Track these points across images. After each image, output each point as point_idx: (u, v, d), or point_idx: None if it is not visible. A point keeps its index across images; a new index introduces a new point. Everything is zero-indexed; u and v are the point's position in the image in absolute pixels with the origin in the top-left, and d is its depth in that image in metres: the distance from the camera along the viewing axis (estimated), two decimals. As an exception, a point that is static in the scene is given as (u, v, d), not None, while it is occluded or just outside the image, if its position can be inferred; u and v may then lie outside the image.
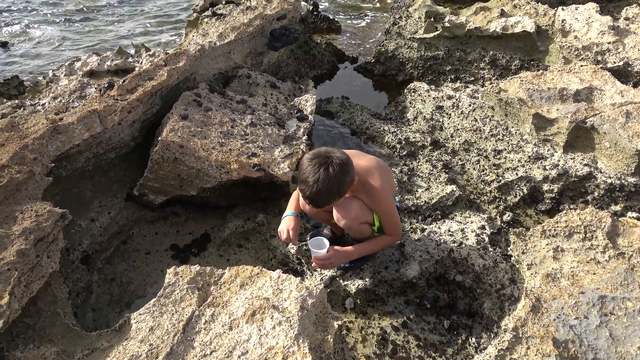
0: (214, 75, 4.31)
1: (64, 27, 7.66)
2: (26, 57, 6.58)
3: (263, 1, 5.09)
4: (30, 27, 7.66)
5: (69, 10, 8.50)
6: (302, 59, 5.43)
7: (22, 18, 8.13)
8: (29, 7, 8.70)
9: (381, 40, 5.83)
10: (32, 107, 3.61)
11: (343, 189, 2.21)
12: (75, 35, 7.32)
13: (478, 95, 4.29)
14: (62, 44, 6.99)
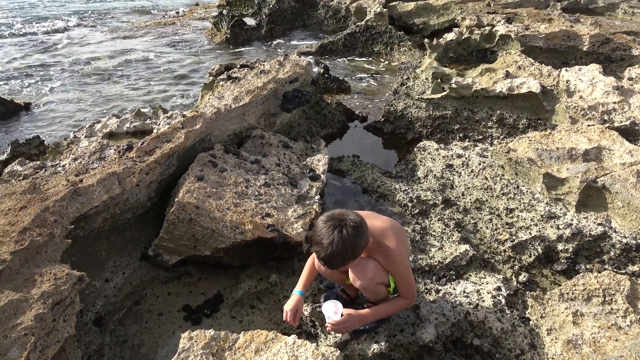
0: (229, 136, 4.44)
1: (85, 89, 7.98)
2: (48, 118, 6.83)
3: (276, 65, 5.32)
4: (52, 89, 8.00)
5: (89, 72, 8.90)
6: (313, 118, 5.59)
7: (45, 80, 8.51)
8: (51, 69, 9.13)
9: (390, 100, 6.00)
10: (52, 169, 3.71)
11: (357, 250, 2.23)
12: (95, 97, 7.62)
13: (487, 154, 4.36)
14: (83, 105, 7.27)
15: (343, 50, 9.53)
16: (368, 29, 9.44)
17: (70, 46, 11.10)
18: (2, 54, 10.27)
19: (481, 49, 6.98)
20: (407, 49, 8.88)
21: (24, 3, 17.84)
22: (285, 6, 11.68)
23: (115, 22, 13.92)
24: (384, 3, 9.77)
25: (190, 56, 10.03)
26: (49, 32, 12.73)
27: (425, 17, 9.30)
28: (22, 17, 14.85)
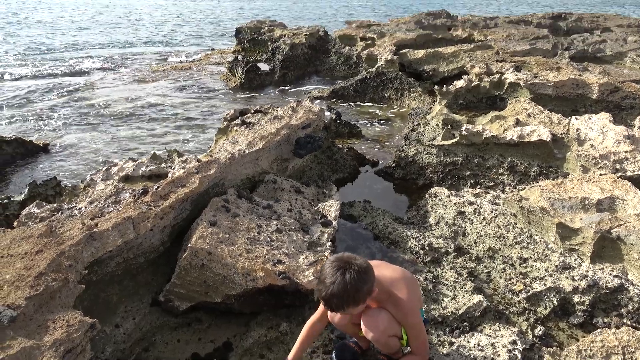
0: (242, 180, 4.50)
1: (103, 131, 8.20)
2: (65, 159, 6.99)
3: (289, 111, 5.44)
4: (70, 131, 8.22)
5: (107, 114, 9.16)
6: (325, 163, 5.66)
7: (63, 121, 8.76)
8: (70, 111, 9.41)
9: (401, 146, 6.07)
10: (69, 211, 3.77)
11: (359, 295, 2.21)
12: (112, 139, 7.80)
13: (499, 201, 4.36)
14: (100, 147, 7.44)
15: (354, 95, 9.73)
16: (379, 75, 9.66)
17: (89, 89, 11.48)
18: (23, 95, 10.64)
19: (491, 96, 7.10)
20: (417, 95, 9.05)
21: (44, 45, 18.60)
22: (298, 52, 12.05)
23: (134, 66, 14.41)
24: (395, 51, 10.04)
25: (205, 100, 10.30)
26: (68, 74, 13.20)
27: (435, 64, 9.52)
28: (43, 59, 15.45)
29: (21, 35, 21.87)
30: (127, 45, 19.83)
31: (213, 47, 18.52)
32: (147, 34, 23.33)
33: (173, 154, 5.13)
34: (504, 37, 10.84)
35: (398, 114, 8.88)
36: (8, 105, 9.99)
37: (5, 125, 8.52)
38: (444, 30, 12.26)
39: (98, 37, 21.72)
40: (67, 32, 23.74)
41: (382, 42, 10.92)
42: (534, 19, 14.68)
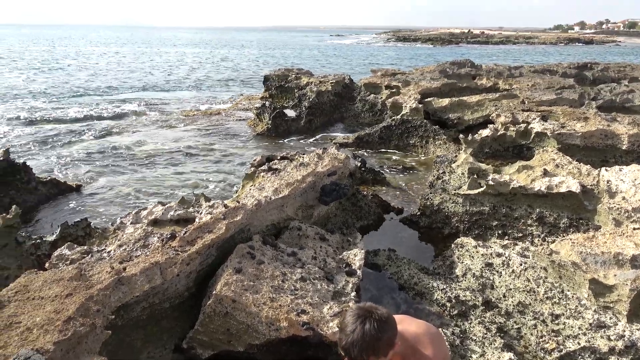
0: (267, 227, 4.54)
1: (133, 174, 8.44)
2: (96, 201, 7.19)
3: (315, 158, 5.53)
4: (102, 173, 8.49)
5: (138, 157, 9.46)
6: (349, 210, 5.66)
7: (96, 163, 9.08)
8: (102, 153, 9.76)
9: (426, 194, 6.05)
10: (98, 254, 3.85)
11: (378, 344, 2.16)
12: (142, 182, 8.02)
13: (529, 254, 4.25)
14: (130, 189, 7.65)
15: (379, 142, 9.83)
16: (404, 122, 9.77)
17: (121, 132, 11.93)
18: (59, 137, 11.11)
19: (517, 145, 7.07)
20: (442, 142, 9.08)
21: (81, 89, 19.55)
22: (324, 99, 12.33)
23: (165, 110, 14.95)
24: (419, 99, 10.19)
25: (233, 145, 10.56)
26: (102, 117, 13.78)
27: (460, 112, 9.59)
28: (79, 103, 16.21)
29: (60, 80, 23.09)
30: (159, 89, 20.68)
31: (241, 93, 19.14)
32: (178, 79, 24.31)
33: (200, 198, 5.23)
34: (529, 87, 10.89)
35: (423, 161, 8.91)
36: (44, 146, 10.44)
37: (41, 166, 8.86)
38: (468, 79, 12.41)
39: (132, 82, 22.74)
40: (103, 77, 24.96)
41: (407, 90, 11.11)
42: (559, 68, 14.75)
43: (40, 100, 17.23)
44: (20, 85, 21.06)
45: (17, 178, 6.98)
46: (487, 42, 78.77)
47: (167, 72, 29.15)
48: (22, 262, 4.59)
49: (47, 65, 31.94)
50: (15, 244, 4.64)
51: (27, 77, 24.35)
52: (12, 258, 4.54)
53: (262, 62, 38.42)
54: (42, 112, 14.61)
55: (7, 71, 27.41)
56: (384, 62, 38.34)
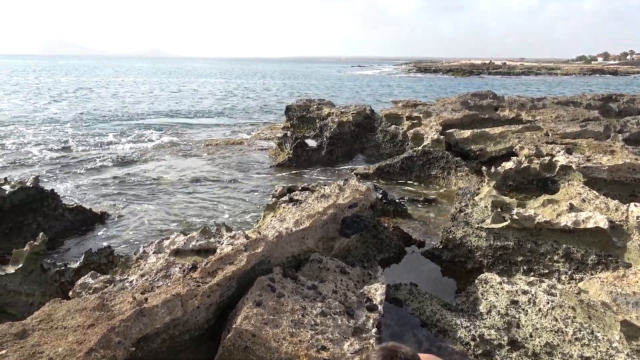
0: (287, 258, 4.52)
1: (156, 203, 8.56)
2: (120, 228, 7.30)
3: (336, 189, 5.53)
4: (126, 201, 8.64)
5: (161, 186, 9.61)
6: (370, 242, 5.62)
7: (120, 191, 9.25)
8: (126, 182, 9.96)
9: (448, 227, 5.97)
10: (121, 283, 3.88)
11: None
12: (164, 211, 8.12)
13: (556, 292, 4.12)
14: (153, 218, 7.75)
15: (400, 173, 9.80)
16: (425, 153, 9.75)
17: (146, 160, 12.18)
18: (84, 164, 11.40)
19: (541, 178, 6.96)
20: (464, 174, 9.00)
21: (107, 117, 20.13)
22: (345, 130, 12.43)
23: (188, 138, 15.25)
24: (441, 130, 10.17)
25: (254, 175, 10.66)
26: (127, 144, 14.11)
27: (482, 144, 9.53)
28: (105, 130, 16.66)
29: (88, 108, 23.85)
30: (183, 117, 21.17)
31: (264, 123, 19.45)
32: (202, 109, 24.87)
33: (222, 228, 5.26)
34: (552, 119, 10.79)
35: (444, 193, 8.82)
36: (70, 172, 10.71)
37: (67, 192, 9.07)
38: (490, 110, 12.38)
39: (157, 110, 23.34)
40: (130, 105, 25.71)
41: (428, 121, 11.12)
42: (584, 100, 14.61)
43: (67, 126, 17.81)
44: (49, 112, 21.84)
45: (45, 205, 7.15)
46: (508, 73, 78.76)
47: (191, 101, 29.89)
48: (46, 288, 4.66)
49: (75, 94, 33.12)
50: (41, 270, 4.72)
51: (56, 105, 25.25)
52: (37, 284, 4.61)
53: (284, 93, 39.11)
54: (70, 138, 15.08)
55: (37, 99, 28.50)
56: (404, 93, 38.62)
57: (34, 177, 7.17)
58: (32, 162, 11.89)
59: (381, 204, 6.48)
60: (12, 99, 29.12)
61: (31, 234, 6.58)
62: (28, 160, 12.15)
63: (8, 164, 11.64)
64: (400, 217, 7.17)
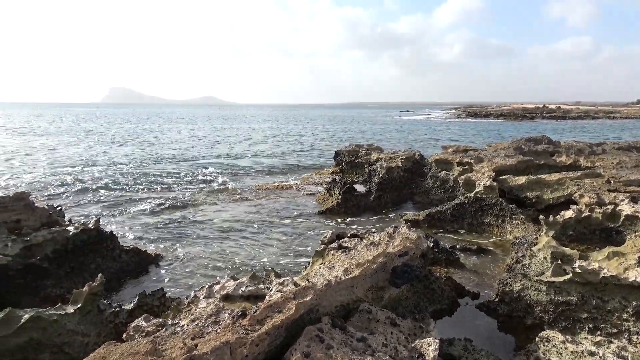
0: (336, 307, 4.44)
1: (209, 247, 8.75)
2: (173, 271, 7.48)
3: (386, 237, 5.45)
4: (180, 244, 8.88)
5: (214, 230, 9.84)
6: (421, 292, 5.43)
7: (173, 234, 9.54)
8: (179, 224, 10.27)
9: (504, 278, 5.70)
10: (172, 328, 3.94)
11: None
12: (216, 254, 8.27)
13: (627, 355, 3.80)
14: (206, 262, 7.90)
15: (451, 220, 9.55)
16: (477, 200, 9.48)
17: (198, 203, 12.56)
18: (141, 205, 11.89)
19: (604, 228, 6.56)
20: (520, 222, 8.65)
21: (164, 160, 21.08)
22: (394, 175, 12.36)
23: (241, 182, 15.64)
24: (494, 176, 9.91)
25: (302, 220, 10.72)
26: (182, 188, 14.64)
27: (539, 191, 9.18)
28: (160, 173, 17.41)
29: (145, 152, 25.15)
30: (235, 160, 21.82)
31: (313, 167, 19.72)
32: (254, 152, 25.61)
33: (271, 274, 5.27)
34: (614, 165, 10.28)
35: (498, 242, 8.48)
36: (128, 214, 11.19)
37: (125, 234, 9.45)
38: (546, 156, 11.98)
39: (211, 155, 24.25)
40: (186, 149, 26.89)
41: (480, 167, 10.89)
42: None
43: (126, 168, 18.79)
44: (111, 156, 23.19)
45: (104, 246, 7.48)
46: (564, 117, 76.51)
47: (244, 146, 30.91)
48: (101, 329, 4.80)
49: (136, 139, 35.09)
50: (97, 311, 4.88)
51: (117, 149, 26.82)
52: (93, 325, 4.75)
53: (332, 138, 39.72)
54: (128, 180, 15.86)
55: (100, 144, 30.41)
56: (454, 138, 38.22)
57: (96, 219, 7.55)
58: (93, 202, 12.55)
59: (432, 252, 6.31)
60: (76, 142, 31.25)
61: (90, 273, 6.87)
62: (89, 200, 12.85)
63: (71, 204, 12.35)
64: (452, 267, 6.93)
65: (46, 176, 17.10)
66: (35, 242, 6.44)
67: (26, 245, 6.30)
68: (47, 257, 6.49)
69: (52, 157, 23.15)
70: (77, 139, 34.86)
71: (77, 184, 15.43)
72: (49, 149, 27.66)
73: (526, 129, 49.42)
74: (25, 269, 6.14)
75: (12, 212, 6.81)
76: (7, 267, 5.94)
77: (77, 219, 9.93)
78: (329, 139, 37.66)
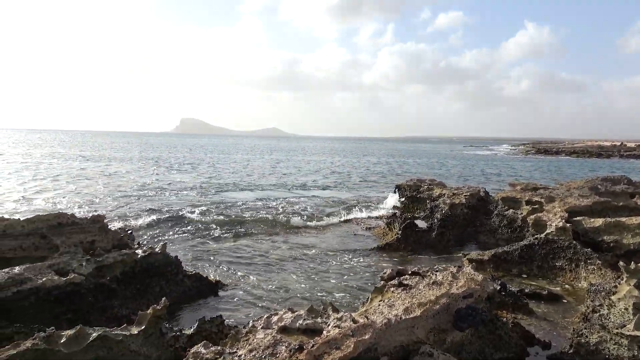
0: (395, 348, 4.28)
1: (268, 278, 8.81)
2: (232, 299, 7.58)
3: (449, 277, 5.23)
4: (240, 274, 9.02)
5: (273, 260, 9.94)
6: (487, 338, 5.12)
7: (235, 262, 9.73)
8: (239, 254, 10.47)
9: (579, 328, 5.27)
10: (230, 357, 3.96)
11: None
12: (274, 286, 8.31)
13: None
14: (263, 291, 7.96)
15: (519, 262, 9.04)
16: (548, 242, 8.93)
17: (258, 233, 12.77)
18: (200, 232, 12.26)
19: (697, 280, 5.93)
20: (596, 268, 8.03)
21: (227, 186, 21.74)
22: (457, 212, 11.98)
23: (301, 213, 15.78)
24: (566, 217, 9.34)
25: (362, 254, 10.58)
26: (244, 216, 14.96)
27: (617, 235, 8.52)
28: (225, 200, 17.95)
29: (216, 177, 26.12)
30: (298, 190, 22.12)
31: (373, 199, 19.56)
32: (315, 184, 25.89)
33: (328, 308, 5.19)
34: None
35: (571, 289, 7.90)
36: (187, 242, 11.56)
37: (186, 262, 9.75)
38: (625, 197, 11.16)
39: (272, 184, 24.78)
40: (248, 177, 27.67)
41: (551, 207, 10.30)
42: None
43: (192, 194, 19.57)
44: (178, 181, 24.30)
45: (169, 270, 7.74)
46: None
47: (310, 177, 31.37)
48: (162, 352, 4.90)
49: (203, 167, 36.63)
50: (160, 334, 5.01)
51: (185, 175, 28.07)
52: (154, 347, 4.87)
53: (394, 171, 39.41)
54: (193, 206, 16.47)
55: (168, 170, 32.01)
56: (522, 175, 36.69)
57: (162, 244, 7.86)
58: (152, 227, 13.11)
59: (499, 295, 5.97)
60: (145, 168, 33.07)
61: (154, 296, 7.11)
62: (153, 224, 13.44)
63: (138, 227, 12.97)
64: (520, 313, 6.50)
65: (117, 198, 18.20)
66: (107, 263, 6.78)
67: (98, 266, 6.65)
68: (116, 278, 6.80)
69: (125, 182, 24.64)
70: (144, 166, 36.94)
71: (142, 208, 16.23)
72: (122, 174, 29.49)
73: (602, 168, 46.54)
74: (96, 288, 6.47)
75: (88, 233, 7.25)
76: (80, 286, 6.28)
77: (145, 242, 10.42)
78: (389, 173, 37.40)
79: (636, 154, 73.11)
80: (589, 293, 5.96)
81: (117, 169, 33.26)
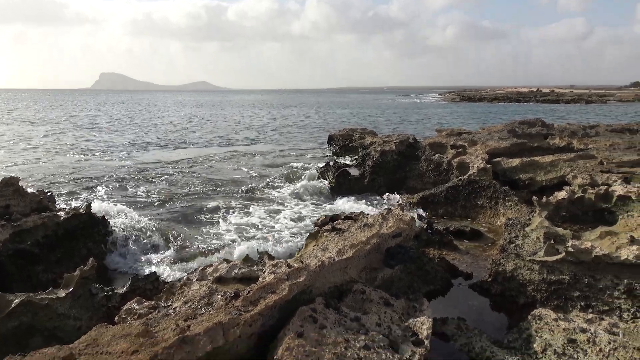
0: (330, 288, 4.43)
1: (201, 229, 8.70)
2: (167, 254, 7.45)
3: (379, 219, 5.43)
4: (174, 227, 8.83)
5: (206, 212, 9.78)
6: (415, 274, 5.44)
7: (167, 218, 9.48)
8: (175, 210, 10.21)
9: (497, 259, 5.72)
10: (165, 310, 3.91)
11: None
12: (208, 237, 8.22)
13: (618, 331, 3.83)
14: (198, 244, 7.87)
15: (445, 202, 9.56)
16: (471, 183, 9.48)
17: (199, 195, 12.49)
18: (140, 194, 11.82)
19: (597, 208, 6.59)
20: (513, 204, 8.67)
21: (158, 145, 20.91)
22: (387, 159, 12.33)
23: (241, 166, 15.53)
24: (487, 159, 9.90)
25: (295, 202, 10.69)
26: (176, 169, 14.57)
27: (532, 173, 9.19)
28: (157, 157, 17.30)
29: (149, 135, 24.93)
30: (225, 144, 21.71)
31: (307, 150, 19.63)
32: (244, 137, 25.47)
33: (264, 256, 5.25)
34: (607, 146, 10.31)
35: (492, 223, 8.51)
36: (122, 200, 11.10)
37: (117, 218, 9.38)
38: (539, 138, 11.99)
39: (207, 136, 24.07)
40: (183, 132, 26.63)
41: (473, 150, 10.87)
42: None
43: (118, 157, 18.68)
44: (113, 141, 23.00)
45: (96, 230, 7.42)
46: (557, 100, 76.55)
47: (244, 132, 30.71)
48: (93, 313, 4.76)
49: (135, 124, 34.77)
50: (89, 295, 4.85)
51: (111, 134, 26.57)
52: (84, 309, 4.72)
53: (327, 121, 39.54)
54: (125, 168, 15.74)
55: (99, 132, 30.13)
56: (448, 121, 38.17)
57: (87, 204, 7.48)
58: (92, 188, 12.45)
59: (426, 234, 6.31)
60: (78, 131, 30.90)
61: (81, 258, 6.81)
62: (85, 183, 12.74)
63: (74, 189, 12.24)
64: (445, 248, 6.94)
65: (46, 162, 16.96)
66: (25, 228, 6.37)
67: (16, 231, 6.23)
68: (38, 242, 6.42)
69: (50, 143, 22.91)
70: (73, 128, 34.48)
71: (76, 170, 15.28)
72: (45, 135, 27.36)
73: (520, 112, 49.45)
74: (16, 254, 6.08)
75: (1, 197, 6.72)
76: (-3, 253, 5.88)
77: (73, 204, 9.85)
78: (321, 124, 37.48)
79: (550, 99, 78.33)
80: (506, 227, 6.45)
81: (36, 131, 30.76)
